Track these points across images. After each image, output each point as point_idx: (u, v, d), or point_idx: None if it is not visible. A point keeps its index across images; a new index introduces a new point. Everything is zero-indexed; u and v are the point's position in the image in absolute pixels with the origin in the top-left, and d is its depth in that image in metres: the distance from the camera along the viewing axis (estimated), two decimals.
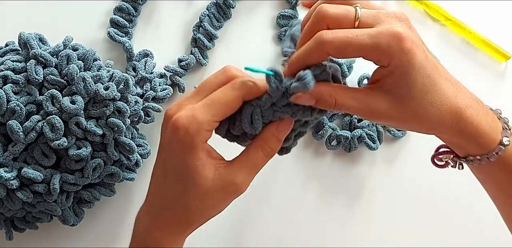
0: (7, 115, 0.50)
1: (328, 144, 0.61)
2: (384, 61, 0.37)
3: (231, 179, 0.39)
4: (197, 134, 0.38)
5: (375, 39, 0.36)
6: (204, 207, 0.40)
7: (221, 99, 0.38)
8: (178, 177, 0.39)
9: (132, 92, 0.56)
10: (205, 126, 0.38)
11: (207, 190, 0.39)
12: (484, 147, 0.40)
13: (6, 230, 0.55)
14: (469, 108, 0.39)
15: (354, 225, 0.61)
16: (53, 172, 0.52)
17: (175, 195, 0.40)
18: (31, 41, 0.53)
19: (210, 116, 0.38)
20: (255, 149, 0.40)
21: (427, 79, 0.37)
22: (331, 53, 0.37)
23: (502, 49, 0.64)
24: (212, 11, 0.63)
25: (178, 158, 0.39)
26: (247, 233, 0.61)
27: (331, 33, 0.37)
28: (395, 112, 0.38)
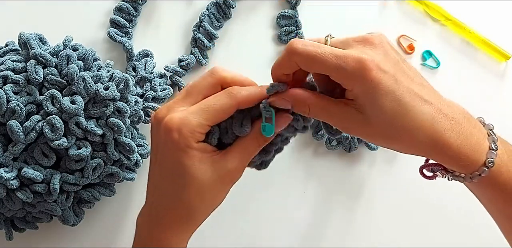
0: (7, 115, 0.50)
1: (328, 144, 0.61)
2: (348, 86, 0.37)
3: (225, 167, 0.40)
4: (190, 135, 0.39)
5: (340, 61, 0.36)
6: (205, 201, 0.40)
7: (216, 106, 0.39)
8: (176, 176, 0.40)
9: (132, 92, 0.56)
10: (198, 128, 0.39)
11: (207, 183, 0.40)
12: (467, 168, 0.39)
13: (6, 230, 0.55)
14: (448, 131, 0.38)
15: (354, 225, 0.61)
16: (53, 172, 0.52)
17: (175, 194, 0.40)
18: (31, 41, 0.53)
19: (204, 120, 0.39)
20: (251, 139, 0.40)
21: (396, 103, 0.37)
22: (299, 64, 0.38)
23: (502, 49, 0.64)
24: (212, 11, 0.63)
25: (174, 158, 0.39)
26: (247, 233, 0.61)
27: (301, 44, 0.37)
28: (367, 132, 0.39)
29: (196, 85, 0.41)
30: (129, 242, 0.47)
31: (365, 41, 0.38)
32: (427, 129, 0.37)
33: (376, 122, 0.37)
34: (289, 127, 0.41)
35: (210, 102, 0.39)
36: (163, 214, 0.41)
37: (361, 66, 0.36)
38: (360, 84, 0.36)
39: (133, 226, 0.44)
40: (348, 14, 0.65)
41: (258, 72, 0.63)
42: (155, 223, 0.42)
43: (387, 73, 0.37)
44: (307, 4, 0.64)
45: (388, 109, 0.37)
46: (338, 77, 0.37)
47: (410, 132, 0.37)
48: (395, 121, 0.37)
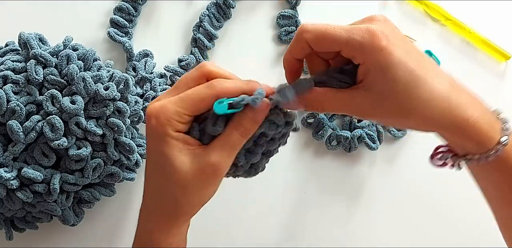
0: (7, 115, 0.50)
1: (328, 144, 0.61)
2: (358, 58, 0.38)
3: (206, 159, 0.39)
4: (167, 122, 0.38)
5: (349, 33, 0.37)
6: (187, 194, 0.40)
7: (193, 95, 0.39)
8: (158, 167, 0.40)
9: (132, 92, 0.56)
10: (175, 116, 0.38)
11: (186, 175, 0.39)
12: (482, 146, 0.39)
13: (6, 230, 0.55)
14: (465, 104, 0.38)
15: (354, 225, 0.61)
16: (53, 172, 0.52)
17: (159, 186, 0.40)
18: (31, 41, 0.53)
19: (180, 108, 0.38)
20: (230, 129, 0.39)
21: (408, 74, 0.37)
22: (310, 42, 0.38)
23: (502, 49, 0.64)
24: (212, 11, 0.63)
25: (155, 147, 0.39)
26: (247, 233, 0.61)
27: (311, 24, 0.39)
28: (381, 111, 0.38)
29: (183, 79, 0.41)
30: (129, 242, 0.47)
31: (371, 19, 0.39)
32: (444, 101, 0.37)
33: (389, 96, 0.37)
34: (270, 124, 0.40)
35: (189, 92, 0.39)
36: (151, 209, 0.42)
37: (371, 36, 0.36)
38: (371, 54, 0.36)
39: (133, 226, 0.44)
40: (348, 14, 0.65)
41: (258, 72, 0.63)
42: (146, 219, 0.42)
43: (397, 44, 0.37)
44: (307, 4, 0.64)
45: (401, 79, 0.37)
46: (349, 50, 0.37)
47: (426, 103, 0.37)
48: (409, 93, 0.37)
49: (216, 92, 0.38)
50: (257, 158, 0.43)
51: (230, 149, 0.40)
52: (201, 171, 0.39)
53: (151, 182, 0.41)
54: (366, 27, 0.37)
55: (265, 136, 0.42)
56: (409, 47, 0.38)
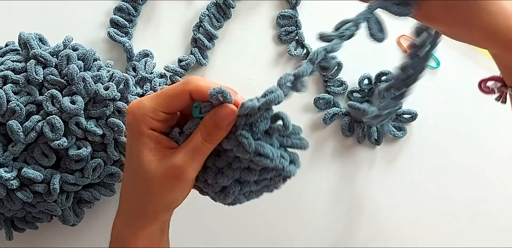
0: (7, 115, 0.50)
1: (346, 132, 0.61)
2: None
3: (171, 161, 0.38)
4: (141, 119, 0.38)
5: None
6: (151, 195, 0.39)
7: (169, 91, 0.39)
8: (129, 164, 0.40)
9: (132, 92, 0.56)
10: (149, 113, 0.38)
11: (152, 175, 0.39)
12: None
13: (6, 230, 0.55)
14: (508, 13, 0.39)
15: (354, 225, 0.61)
16: (53, 172, 0.52)
17: (127, 185, 0.41)
18: (31, 41, 0.53)
19: (155, 104, 0.38)
20: (195, 132, 0.39)
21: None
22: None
23: None
24: (212, 11, 0.63)
25: (129, 145, 0.40)
26: (246, 233, 0.61)
27: None
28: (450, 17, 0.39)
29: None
30: None
31: None
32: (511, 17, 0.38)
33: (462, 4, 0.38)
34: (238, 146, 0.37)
35: (165, 89, 0.39)
36: (120, 207, 0.42)
37: None
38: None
39: None
40: (348, 13, 0.65)
41: (258, 72, 0.63)
42: (117, 217, 0.43)
43: None
44: (307, 4, 0.64)
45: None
46: None
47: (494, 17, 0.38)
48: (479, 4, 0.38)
49: (189, 88, 0.38)
50: (226, 181, 0.39)
51: (194, 153, 0.38)
52: (164, 173, 0.38)
53: (123, 180, 0.42)
54: None
55: (239, 162, 0.38)
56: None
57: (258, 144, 0.37)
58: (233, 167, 0.39)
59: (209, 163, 0.39)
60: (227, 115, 0.37)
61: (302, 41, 0.63)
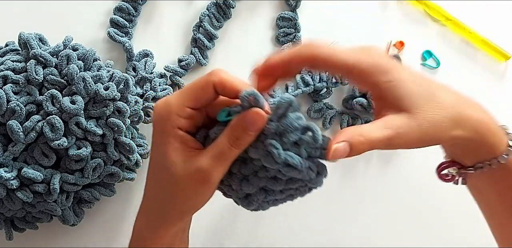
0: (7, 115, 0.50)
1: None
2: (368, 82, 0.38)
3: (197, 165, 0.38)
4: (167, 118, 0.38)
5: (358, 57, 0.38)
6: (176, 196, 0.39)
7: (192, 85, 0.38)
8: (155, 165, 0.40)
9: (132, 92, 0.56)
10: (176, 110, 0.38)
11: (176, 177, 0.38)
12: (496, 148, 0.41)
13: (6, 230, 0.55)
14: (477, 110, 0.40)
15: (351, 225, 0.61)
16: (53, 172, 0.52)
17: (151, 185, 0.41)
18: (31, 41, 0.53)
19: (181, 100, 0.38)
20: (222, 136, 0.38)
21: (422, 88, 0.38)
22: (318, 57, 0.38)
23: (502, 49, 0.64)
24: (212, 11, 0.63)
25: (155, 144, 0.39)
26: (245, 233, 0.61)
27: (320, 42, 0.39)
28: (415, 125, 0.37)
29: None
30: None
31: (369, 47, 0.40)
32: (460, 107, 0.39)
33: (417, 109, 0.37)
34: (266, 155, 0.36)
35: (188, 84, 0.39)
36: (143, 206, 0.42)
37: (376, 60, 0.38)
38: (383, 74, 0.37)
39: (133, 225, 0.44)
40: (348, 14, 0.65)
41: None
42: (139, 215, 0.42)
43: (398, 65, 0.38)
44: (307, 4, 0.64)
45: (417, 92, 0.38)
46: (358, 73, 0.38)
47: (448, 111, 0.38)
48: (431, 102, 0.38)
49: (212, 79, 0.38)
50: (250, 189, 0.39)
51: (220, 158, 0.38)
52: (189, 176, 0.38)
53: (148, 180, 0.41)
54: (370, 51, 0.38)
55: (266, 171, 0.38)
56: (408, 68, 0.40)
57: (288, 154, 0.36)
58: (259, 175, 0.38)
59: (235, 169, 0.39)
60: (257, 120, 0.36)
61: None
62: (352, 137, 0.36)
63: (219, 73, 0.38)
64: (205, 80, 0.38)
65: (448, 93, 0.40)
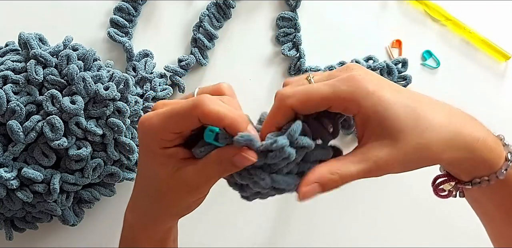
0: (7, 115, 0.50)
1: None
2: (352, 109, 0.36)
3: (185, 178, 0.38)
4: (152, 138, 0.38)
5: (334, 87, 0.36)
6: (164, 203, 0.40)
7: (179, 110, 0.37)
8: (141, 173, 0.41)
9: (132, 92, 0.56)
10: (159, 133, 0.37)
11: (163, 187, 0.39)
12: (493, 164, 0.38)
13: (6, 230, 0.55)
14: (470, 126, 0.38)
15: (351, 224, 0.61)
16: (53, 172, 0.52)
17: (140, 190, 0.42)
18: (31, 41, 0.53)
19: (164, 124, 0.37)
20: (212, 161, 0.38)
21: (408, 109, 0.36)
22: (295, 106, 0.36)
23: (502, 49, 0.64)
24: (212, 11, 0.63)
25: (141, 156, 0.41)
26: (245, 233, 0.61)
27: (290, 88, 0.37)
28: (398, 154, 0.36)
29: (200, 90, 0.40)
30: None
31: (347, 68, 0.38)
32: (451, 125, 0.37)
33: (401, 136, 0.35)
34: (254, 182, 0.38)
35: (176, 107, 0.37)
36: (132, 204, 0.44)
37: (357, 82, 0.36)
38: (363, 99, 0.35)
39: None
40: (348, 14, 0.65)
41: (257, 72, 0.63)
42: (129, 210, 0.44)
43: (383, 86, 0.36)
44: (307, 4, 0.64)
45: (404, 116, 0.35)
46: (339, 102, 0.36)
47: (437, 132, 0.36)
48: (418, 126, 0.36)
49: (197, 113, 0.36)
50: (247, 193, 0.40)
51: (208, 179, 0.38)
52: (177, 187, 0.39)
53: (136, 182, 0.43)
54: (347, 76, 0.36)
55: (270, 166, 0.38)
56: (394, 86, 0.38)
57: (274, 180, 0.37)
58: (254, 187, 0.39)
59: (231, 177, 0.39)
60: (249, 161, 0.36)
61: (299, 45, 0.63)
62: (323, 176, 0.36)
63: (206, 105, 0.36)
64: (189, 111, 0.36)
65: (438, 111, 0.37)
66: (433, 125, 0.36)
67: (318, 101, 0.36)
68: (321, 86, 0.36)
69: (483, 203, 0.43)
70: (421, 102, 0.37)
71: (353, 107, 0.36)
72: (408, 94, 0.37)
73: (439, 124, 0.36)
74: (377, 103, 0.35)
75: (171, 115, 0.37)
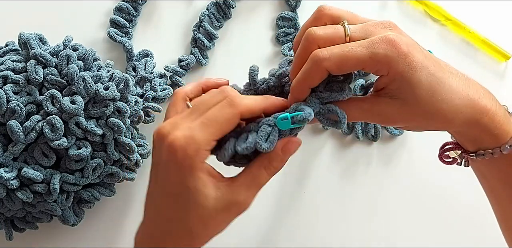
0: (7, 115, 0.50)
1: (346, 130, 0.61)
2: (383, 70, 0.37)
3: (234, 198, 0.38)
4: (196, 155, 0.36)
5: (371, 49, 0.36)
6: (207, 227, 0.39)
7: (218, 118, 0.37)
8: (179, 199, 0.38)
9: (132, 92, 0.56)
10: (204, 146, 0.37)
11: (210, 210, 0.38)
12: (499, 138, 0.40)
13: (6, 230, 0.55)
14: (483, 98, 0.39)
15: (353, 224, 0.61)
16: (53, 172, 0.52)
17: (177, 219, 0.39)
18: (31, 41, 0.53)
19: (208, 135, 0.37)
20: (258, 168, 0.38)
21: (431, 78, 0.37)
22: (330, 69, 0.37)
23: (502, 49, 0.64)
24: (212, 11, 0.63)
25: (178, 179, 0.37)
26: (245, 233, 0.61)
27: (326, 51, 0.37)
28: (406, 115, 0.38)
29: (204, 102, 0.39)
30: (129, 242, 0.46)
31: (384, 25, 0.39)
32: (464, 99, 0.38)
33: (415, 101, 0.37)
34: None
35: (211, 114, 0.37)
36: (164, 238, 0.39)
37: (392, 45, 0.36)
38: (395, 62, 0.36)
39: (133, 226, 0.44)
40: None
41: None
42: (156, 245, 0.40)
43: (415, 48, 0.37)
44: (307, 4, 0.64)
45: (424, 85, 0.37)
46: (373, 65, 0.37)
47: (449, 105, 0.38)
48: (433, 97, 0.37)
49: (240, 111, 0.37)
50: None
51: (257, 188, 0.39)
52: (226, 208, 0.38)
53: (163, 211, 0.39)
54: (385, 39, 0.37)
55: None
56: (423, 50, 0.39)
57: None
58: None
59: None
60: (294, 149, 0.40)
61: None
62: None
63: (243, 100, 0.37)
64: (232, 113, 0.37)
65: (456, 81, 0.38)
66: (448, 96, 0.38)
67: (354, 64, 0.37)
68: (357, 48, 0.37)
69: (489, 178, 0.44)
70: (443, 69, 0.38)
71: (384, 70, 0.37)
72: (434, 62, 0.38)
73: (455, 96, 0.38)
74: (407, 68, 0.37)
75: (212, 122, 0.37)
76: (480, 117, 0.39)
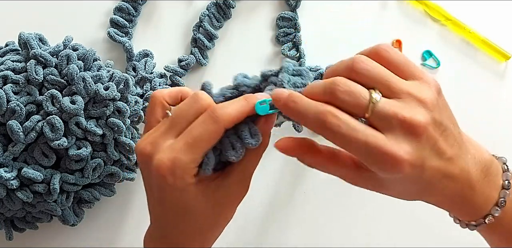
0: (7, 115, 0.50)
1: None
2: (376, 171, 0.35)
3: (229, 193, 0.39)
4: (185, 174, 0.36)
5: (369, 152, 0.33)
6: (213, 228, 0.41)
7: (203, 136, 0.35)
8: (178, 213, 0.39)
9: (132, 92, 0.56)
10: (191, 165, 0.36)
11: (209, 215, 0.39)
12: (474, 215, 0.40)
13: (6, 230, 0.55)
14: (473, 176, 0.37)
15: (354, 224, 0.61)
16: (53, 172, 0.52)
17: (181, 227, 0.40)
18: (31, 41, 0.53)
19: (195, 155, 0.36)
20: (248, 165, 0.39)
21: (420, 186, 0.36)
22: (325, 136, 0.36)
23: (502, 49, 0.64)
24: (212, 11, 0.63)
25: (174, 198, 0.38)
26: (245, 233, 0.61)
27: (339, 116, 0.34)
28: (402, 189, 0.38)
29: (182, 114, 0.37)
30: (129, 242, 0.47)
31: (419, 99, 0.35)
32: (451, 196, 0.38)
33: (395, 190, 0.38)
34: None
35: (197, 132, 0.36)
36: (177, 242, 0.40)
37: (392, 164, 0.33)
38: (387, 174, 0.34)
39: (133, 226, 0.44)
40: (348, 14, 0.65)
41: (257, 72, 0.63)
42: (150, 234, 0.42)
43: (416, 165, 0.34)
44: (307, 4, 0.64)
45: (412, 189, 0.37)
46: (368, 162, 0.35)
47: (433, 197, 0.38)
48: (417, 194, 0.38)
49: (224, 125, 0.36)
50: None
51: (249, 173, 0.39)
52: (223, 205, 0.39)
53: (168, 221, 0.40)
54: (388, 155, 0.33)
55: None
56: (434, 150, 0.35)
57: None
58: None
59: None
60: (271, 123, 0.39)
61: (299, 45, 0.63)
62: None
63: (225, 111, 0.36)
64: (217, 128, 0.36)
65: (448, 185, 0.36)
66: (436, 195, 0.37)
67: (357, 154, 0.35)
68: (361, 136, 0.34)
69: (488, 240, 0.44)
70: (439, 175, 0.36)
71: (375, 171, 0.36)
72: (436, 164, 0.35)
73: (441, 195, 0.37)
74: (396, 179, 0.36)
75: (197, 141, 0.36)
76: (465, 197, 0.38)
